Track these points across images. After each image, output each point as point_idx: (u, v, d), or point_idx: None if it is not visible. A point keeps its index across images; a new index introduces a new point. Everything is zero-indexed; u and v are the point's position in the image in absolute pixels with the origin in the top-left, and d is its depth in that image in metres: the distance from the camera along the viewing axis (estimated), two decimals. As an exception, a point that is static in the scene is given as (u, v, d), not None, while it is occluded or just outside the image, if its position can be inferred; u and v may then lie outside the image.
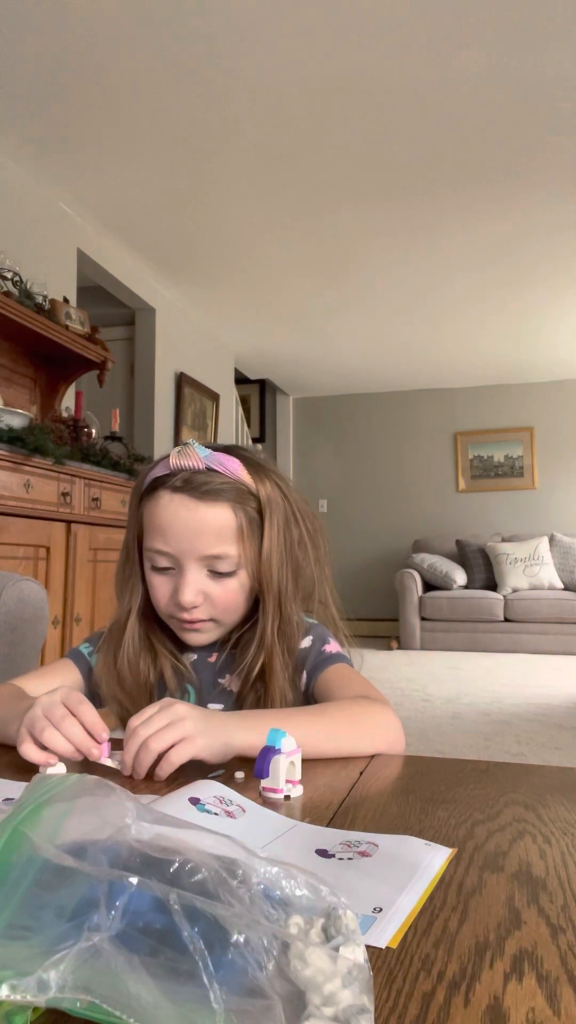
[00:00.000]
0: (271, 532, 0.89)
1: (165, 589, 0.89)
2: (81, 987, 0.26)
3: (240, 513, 0.87)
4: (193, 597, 0.86)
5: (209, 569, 0.87)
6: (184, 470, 0.87)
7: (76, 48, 2.54)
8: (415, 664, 5.05)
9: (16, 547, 2.34)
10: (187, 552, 0.86)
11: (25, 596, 1.50)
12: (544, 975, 0.36)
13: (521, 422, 6.87)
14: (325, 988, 0.28)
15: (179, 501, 0.86)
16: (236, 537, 0.87)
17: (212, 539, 0.86)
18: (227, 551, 0.86)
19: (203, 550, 0.86)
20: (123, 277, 4.19)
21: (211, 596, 0.88)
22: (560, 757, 2.62)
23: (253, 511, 0.89)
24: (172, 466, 0.87)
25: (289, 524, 0.92)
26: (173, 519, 0.86)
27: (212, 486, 0.86)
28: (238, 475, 0.88)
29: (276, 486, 0.92)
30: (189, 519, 0.85)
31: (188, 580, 0.86)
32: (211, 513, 0.86)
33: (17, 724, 0.76)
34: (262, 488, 0.89)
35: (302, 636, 0.94)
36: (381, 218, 3.77)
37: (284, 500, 0.92)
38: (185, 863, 0.31)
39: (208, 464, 0.87)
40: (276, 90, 2.76)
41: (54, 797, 0.35)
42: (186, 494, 0.86)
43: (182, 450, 0.88)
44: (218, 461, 0.88)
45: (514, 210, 3.67)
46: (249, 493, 0.88)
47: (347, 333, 5.57)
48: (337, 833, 0.56)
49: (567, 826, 0.57)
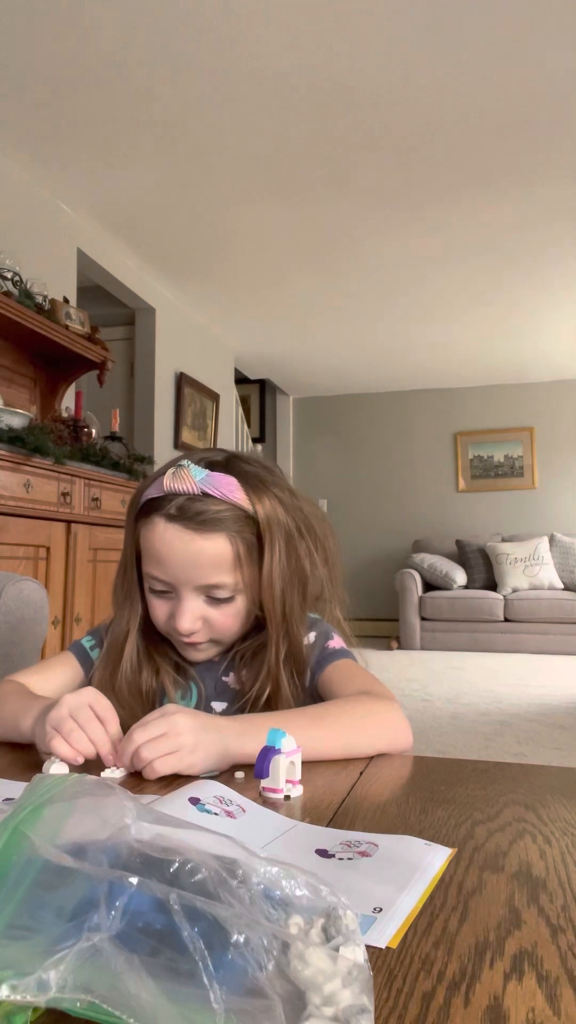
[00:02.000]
0: (271, 557, 0.86)
1: (163, 611, 0.88)
2: (81, 987, 0.26)
3: (237, 541, 0.85)
4: (190, 625, 0.86)
5: (207, 595, 0.86)
6: (178, 494, 0.84)
7: (76, 48, 2.53)
8: (415, 664, 5.05)
9: (16, 547, 2.34)
10: (183, 581, 0.85)
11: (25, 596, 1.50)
12: (544, 975, 0.36)
13: (521, 422, 6.87)
14: (325, 988, 0.28)
15: (174, 532, 0.83)
16: (233, 565, 0.85)
17: (208, 570, 0.84)
18: (224, 580, 0.85)
19: (199, 580, 0.84)
20: (123, 277, 4.19)
21: (209, 620, 0.87)
22: (560, 757, 2.62)
23: (251, 535, 0.86)
24: (166, 488, 0.84)
25: (292, 540, 0.89)
26: (168, 549, 0.84)
27: (207, 516, 0.83)
28: (234, 498, 0.85)
29: (277, 501, 0.88)
30: (184, 551, 0.83)
31: (184, 608, 0.85)
32: (207, 545, 0.83)
33: (31, 721, 0.77)
34: (260, 508, 0.86)
35: (307, 632, 0.94)
36: (381, 218, 3.77)
37: (287, 514, 0.89)
38: (185, 863, 0.31)
39: (203, 488, 0.84)
40: (276, 90, 2.76)
41: (54, 797, 0.35)
42: (181, 524, 0.83)
43: (176, 472, 0.85)
44: (213, 484, 0.84)
45: (514, 210, 3.67)
46: (247, 517, 0.86)
47: (347, 333, 5.57)
48: (337, 833, 0.56)
49: (567, 826, 0.57)
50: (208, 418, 5.34)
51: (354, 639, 1.00)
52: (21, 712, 0.80)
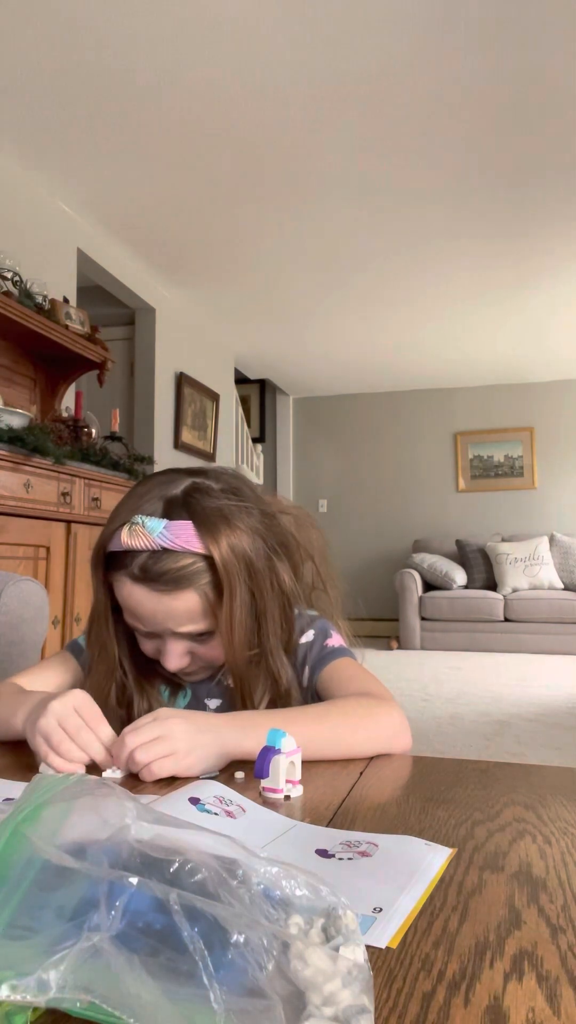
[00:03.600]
0: (230, 603, 0.83)
1: (150, 647, 0.89)
2: (81, 987, 0.26)
3: (206, 589, 0.83)
4: (178, 664, 0.87)
5: (189, 638, 0.87)
6: (138, 552, 0.82)
7: (76, 48, 2.53)
8: (415, 664, 5.05)
9: (16, 547, 2.34)
10: (163, 631, 0.86)
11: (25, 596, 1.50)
12: (544, 975, 0.36)
13: (521, 422, 6.86)
14: (325, 988, 0.28)
15: (141, 593, 0.83)
16: (206, 612, 0.84)
17: (183, 621, 0.84)
18: (200, 626, 0.85)
19: (177, 628, 0.85)
20: (123, 277, 4.19)
21: (196, 654, 0.88)
22: (560, 757, 2.62)
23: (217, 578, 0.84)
24: (124, 545, 0.82)
25: (258, 575, 0.86)
26: (139, 608, 0.84)
27: (171, 576, 0.81)
28: (192, 547, 0.82)
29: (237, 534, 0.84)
30: (156, 609, 0.83)
31: (170, 652, 0.86)
32: (176, 602, 0.83)
33: (22, 717, 0.78)
34: (216, 552, 0.82)
35: (304, 630, 0.93)
36: (381, 218, 3.77)
37: (251, 543, 0.85)
38: (185, 863, 0.31)
39: (161, 544, 0.81)
40: (276, 90, 2.76)
41: (54, 797, 0.35)
42: (146, 586, 0.82)
43: (131, 529, 0.82)
44: (170, 538, 0.81)
45: (514, 210, 3.67)
46: (209, 563, 0.83)
47: (347, 333, 5.57)
48: (337, 833, 0.56)
49: (567, 826, 0.57)
50: (208, 418, 5.33)
51: (351, 636, 1.00)
52: (12, 710, 0.81)
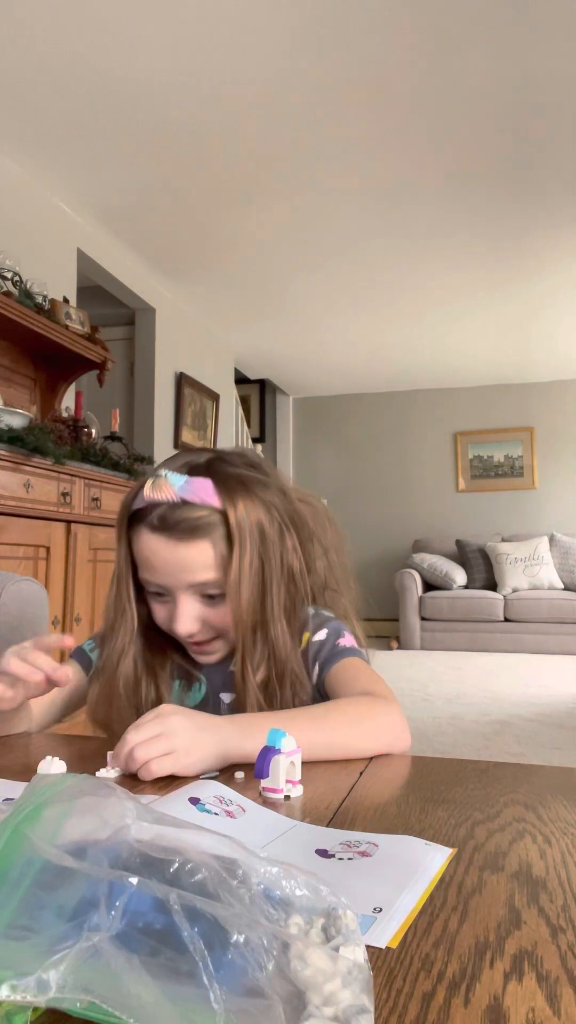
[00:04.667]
0: (239, 562, 0.86)
1: (164, 614, 0.91)
2: (81, 987, 0.26)
3: (220, 543, 0.86)
4: (189, 626, 0.88)
5: (201, 595, 0.88)
6: (158, 504, 0.86)
7: (76, 48, 2.53)
8: (415, 664, 5.05)
9: (16, 547, 2.34)
10: (175, 584, 0.87)
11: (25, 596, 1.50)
12: (544, 975, 0.36)
13: (521, 422, 6.86)
14: (325, 988, 0.28)
15: (157, 541, 0.86)
16: (218, 565, 0.86)
17: (196, 572, 0.86)
18: (212, 578, 0.87)
19: (189, 580, 0.87)
20: (123, 277, 4.19)
21: (210, 621, 0.89)
22: (560, 757, 2.62)
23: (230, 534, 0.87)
24: (146, 498, 0.86)
25: (269, 539, 0.89)
26: (155, 557, 0.87)
27: (187, 524, 0.85)
28: (210, 501, 0.86)
29: (257, 501, 0.89)
30: (170, 558, 0.86)
31: (181, 611, 0.87)
32: (190, 551, 0.85)
33: None
34: (232, 512, 0.86)
35: (318, 628, 0.95)
36: (381, 218, 3.77)
37: (266, 514, 0.89)
38: (185, 863, 0.31)
39: (181, 496, 0.85)
40: (276, 90, 2.76)
41: (54, 797, 0.35)
42: (163, 535, 0.86)
43: (155, 482, 0.86)
44: (191, 490, 0.86)
45: (513, 210, 3.67)
46: (222, 520, 0.87)
47: (348, 333, 5.57)
48: (337, 833, 0.56)
49: (567, 826, 0.57)
50: (208, 418, 5.33)
51: (364, 639, 1.01)
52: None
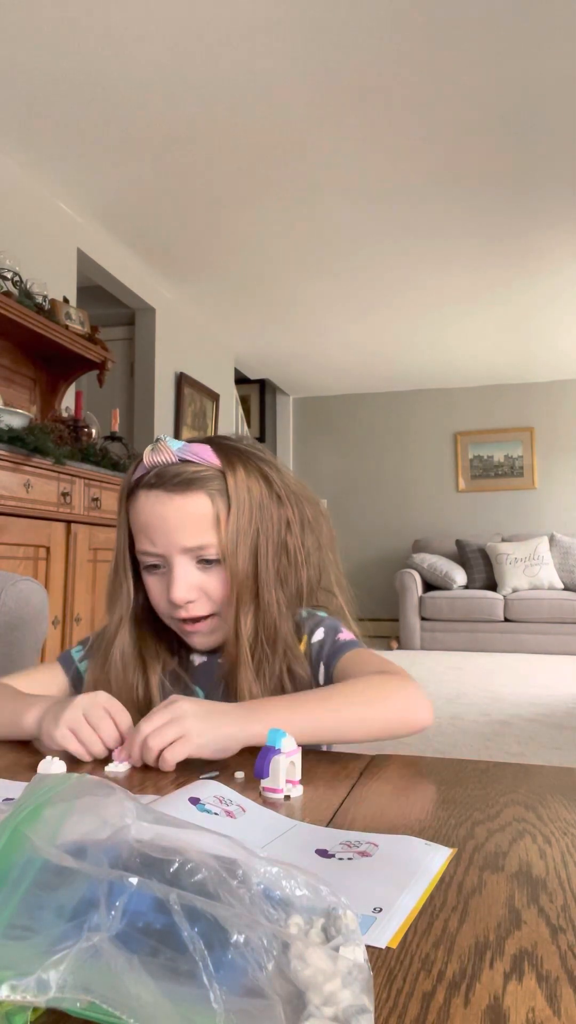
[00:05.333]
0: (237, 516, 0.86)
1: (160, 589, 0.88)
2: (81, 987, 0.26)
3: (218, 499, 0.86)
4: (185, 592, 0.85)
5: (198, 560, 0.86)
6: (158, 466, 0.87)
7: (76, 49, 2.53)
8: (415, 664, 5.05)
9: (16, 547, 2.34)
10: (171, 546, 0.85)
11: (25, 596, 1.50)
12: (544, 975, 0.36)
13: (521, 422, 6.86)
14: (325, 988, 0.28)
15: (154, 497, 0.86)
16: (215, 524, 0.86)
17: (192, 530, 0.85)
18: (209, 540, 0.86)
19: (185, 542, 0.85)
20: (123, 277, 4.19)
21: (206, 589, 0.87)
22: (560, 757, 2.62)
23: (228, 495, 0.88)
24: (147, 464, 0.88)
25: (267, 507, 0.89)
26: (151, 516, 0.86)
27: (184, 476, 0.86)
28: (209, 461, 0.87)
29: (255, 471, 0.90)
30: (166, 513, 0.85)
31: (177, 575, 0.85)
32: (186, 503, 0.85)
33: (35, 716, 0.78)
34: (230, 474, 0.87)
35: (314, 629, 0.93)
36: (381, 218, 3.77)
37: (263, 484, 0.90)
38: (185, 863, 0.31)
39: (180, 455, 0.87)
40: (276, 90, 2.76)
41: (54, 797, 0.35)
42: (160, 489, 0.86)
43: (155, 447, 0.88)
44: (190, 451, 0.87)
45: (513, 210, 3.67)
46: (220, 478, 0.87)
47: (347, 333, 5.57)
48: (337, 833, 0.56)
49: (567, 826, 0.57)
50: (208, 418, 5.33)
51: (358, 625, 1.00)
52: (21, 709, 0.80)
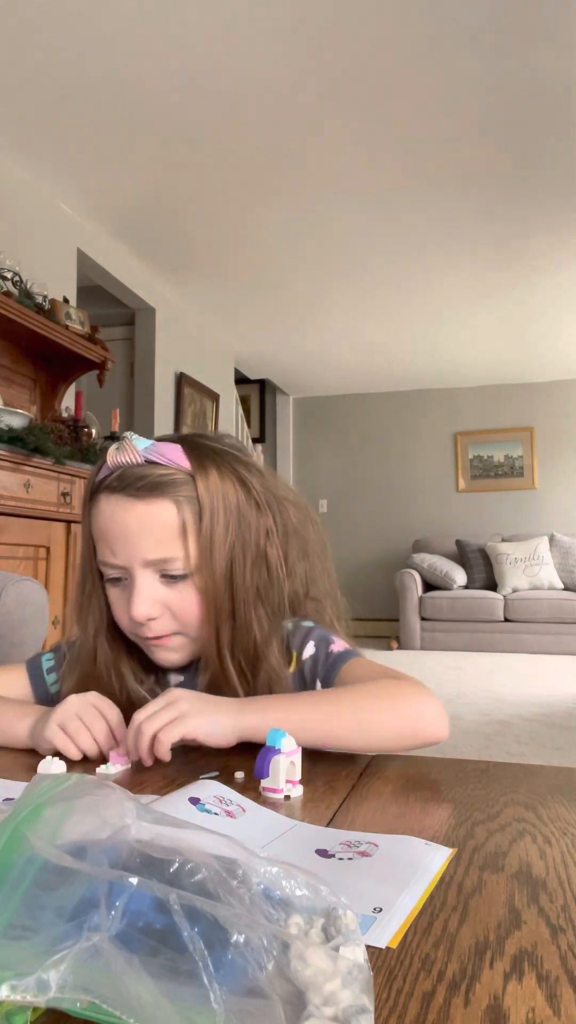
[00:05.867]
0: (211, 525, 0.78)
1: (122, 603, 0.81)
2: (81, 987, 0.26)
3: (184, 507, 0.78)
4: (146, 609, 0.78)
5: (161, 574, 0.79)
6: (121, 467, 0.80)
7: (76, 49, 2.53)
8: (415, 664, 5.05)
9: (16, 547, 2.34)
10: (132, 557, 0.78)
11: (25, 596, 1.50)
12: (544, 975, 0.36)
13: (521, 422, 6.86)
14: (325, 988, 0.28)
15: (115, 502, 0.78)
16: (181, 534, 0.78)
17: (154, 540, 0.78)
18: (174, 552, 0.78)
19: (147, 554, 0.78)
20: (123, 277, 4.19)
21: (170, 606, 0.79)
22: (560, 757, 2.62)
23: (198, 503, 0.79)
24: (110, 464, 0.80)
25: (244, 515, 0.81)
26: (112, 523, 0.78)
27: (148, 480, 0.78)
28: (179, 463, 0.79)
29: (231, 474, 0.82)
30: (127, 520, 0.77)
31: (137, 590, 0.78)
32: (149, 511, 0.77)
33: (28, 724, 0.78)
34: (201, 478, 0.79)
35: (303, 643, 0.86)
36: (381, 218, 3.77)
37: (241, 489, 0.82)
38: (185, 863, 0.31)
39: (146, 456, 0.79)
40: (276, 90, 2.76)
41: (54, 797, 0.35)
42: (121, 493, 0.78)
43: (119, 445, 0.80)
44: (157, 451, 0.79)
45: (514, 210, 3.67)
46: (190, 482, 0.79)
47: (347, 333, 5.57)
48: (337, 833, 0.56)
49: (567, 826, 0.57)
50: (208, 418, 5.33)
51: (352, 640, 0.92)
52: (14, 718, 0.79)
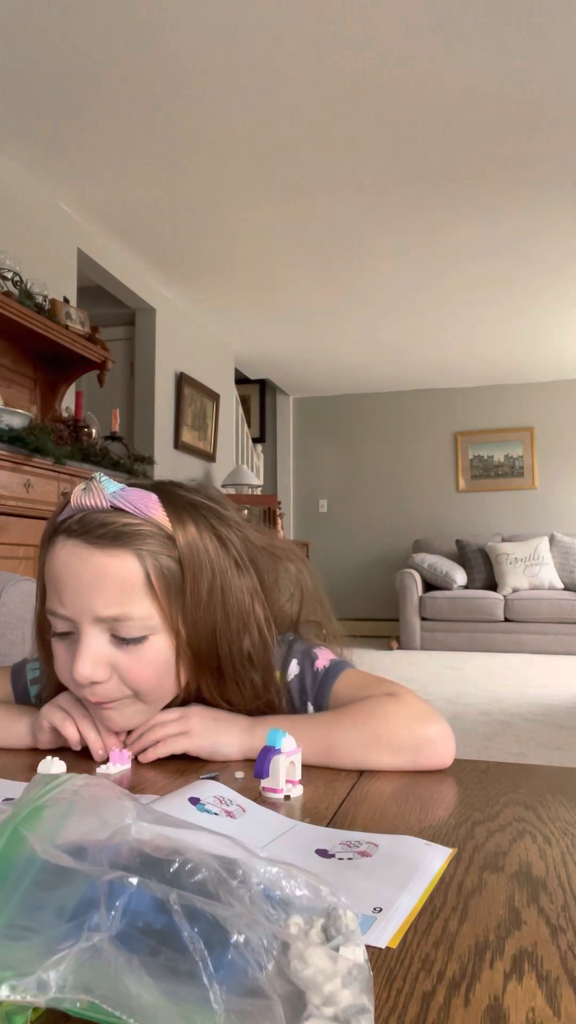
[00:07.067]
0: (193, 586, 0.72)
1: (65, 659, 0.72)
2: (81, 987, 0.26)
3: (148, 562, 0.70)
4: (90, 671, 0.69)
5: (112, 634, 0.70)
6: (85, 510, 0.71)
7: (76, 49, 2.53)
8: (415, 664, 5.05)
9: (16, 547, 2.34)
10: (81, 612, 0.69)
11: (25, 596, 1.50)
12: (544, 975, 0.36)
13: (521, 422, 6.86)
14: (325, 988, 0.28)
15: (71, 549, 0.69)
16: (143, 592, 0.70)
17: (110, 596, 0.69)
18: (129, 612, 0.69)
19: (98, 609, 0.69)
20: (123, 277, 4.19)
21: (119, 669, 0.71)
22: (560, 757, 2.62)
23: (170, 560, 0.71)
24: (74, 505, 0.72)
25: (227, 576, 0.74)
26: (64, 570, 0.70)
27: (112, 528, 0.69)
28: (149, 514, 0.71)
29: (209, 530, 0.74)
30: (81, 570, 0.69)
31: (83, 649, 0.69)
32: (109, 563, 0.69)
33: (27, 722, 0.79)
34: (180, 533, 0.72)
35: (285, 662, 0.81)
36: (381, 218, 3.77)
37: (219, 547, 0.74)
38: (185, 863, 0.31)
39: (113, 502, 0.71)
40: (276, 90, 2.76)
41: (54, 797, 0.35)
42: (79, 539, 0.69)
43: (87, 486, 0.72)
44: (126, 498, 0.71)
45: (514, 210, 3.67)
46: (166, 537, 0.71)
47: (348, 333, 5.57)
48: (337, 833, 0.56)
49: (567, 826, 0.57)
50: (208, 418, 5.33)
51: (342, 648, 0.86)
52: (11, 719, 0.80)
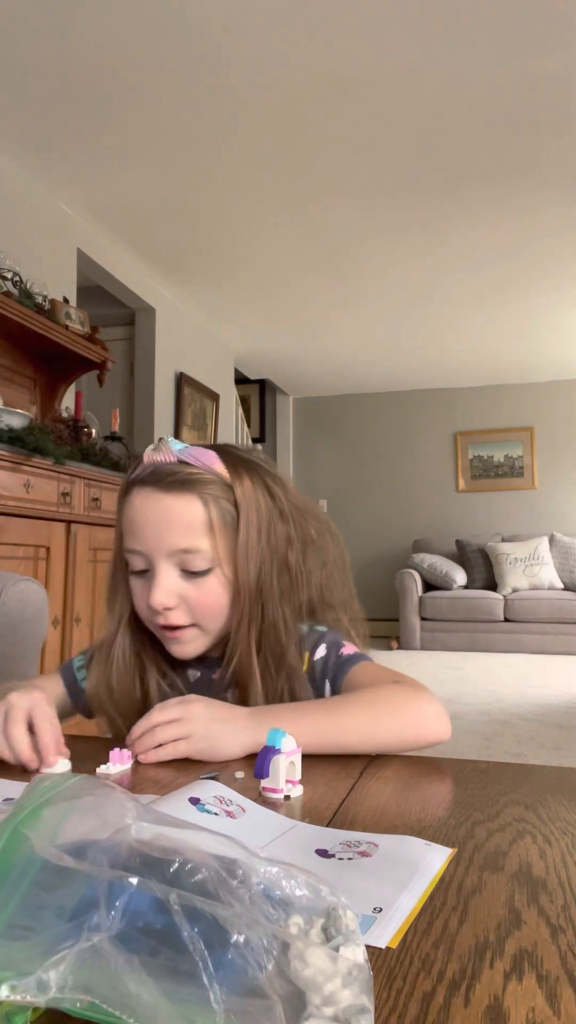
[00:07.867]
0: (247, 529, 0.84)
1: (142, 593, 0.84)
2: (81, 987, 0.26)
3: (212, 505, 0.83)
4: (164, 598, 0.81)
5: (182, 568, 0.83)
6: (156, 465, 0.84)
7: (76, 49, 2.53)
8: (415, 664, 5.05)
9: (16, 547, 2.34)
10: (156, 548, 0.82)
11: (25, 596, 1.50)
12: (544, 975, 0.36)
13: (521, 422, 6.86)
14: (325, 988, 0.28)
15: (145, 495, 0.83)
16: (206, 530, 0.82)
17: (179, 533, 0.81)
18: (197, 545, 0.82)
19: (171, 544, 0.81)
20: (123, 277, 4.19)
21: (187, 598, 0.83)
22: (560, 757, 2.62)
23: (228, 504, 0.84)
24: (146, 462, 0.85)
25: (272, 523, 0.86)
26: (140, 514, 0.83)
27: (179, 476, 0.82)
28: (211, 467, 0.84)
29: (260, 483, 0.87)
30: (155, 511, 0.82)
31: (159, 580, 0.82)
32: (177, 504, 0.82)
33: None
34: (238, 484, 0.85)
35: (315, 646, 0.90)
36: (381, 218, 3.77)
37: (268, 498, 0.87)
38: (185, 863, 0.31)
39: (180, 457, 0.84)
40: (276, 90, 2.76)
41: (54, 797, 0.35)
42: (152, 486, 0.83)
43: (157, 446, 0.85)
44: (192, 454, 0.84)
45: (514, 210, 3.67)
46: (224, 485, 0.84)
47: (347, 333, 5.57)
48: (337, 833, 0.56)
49: (567, 826, 0.57)
50: (208, 418, 5.33)
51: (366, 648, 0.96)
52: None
